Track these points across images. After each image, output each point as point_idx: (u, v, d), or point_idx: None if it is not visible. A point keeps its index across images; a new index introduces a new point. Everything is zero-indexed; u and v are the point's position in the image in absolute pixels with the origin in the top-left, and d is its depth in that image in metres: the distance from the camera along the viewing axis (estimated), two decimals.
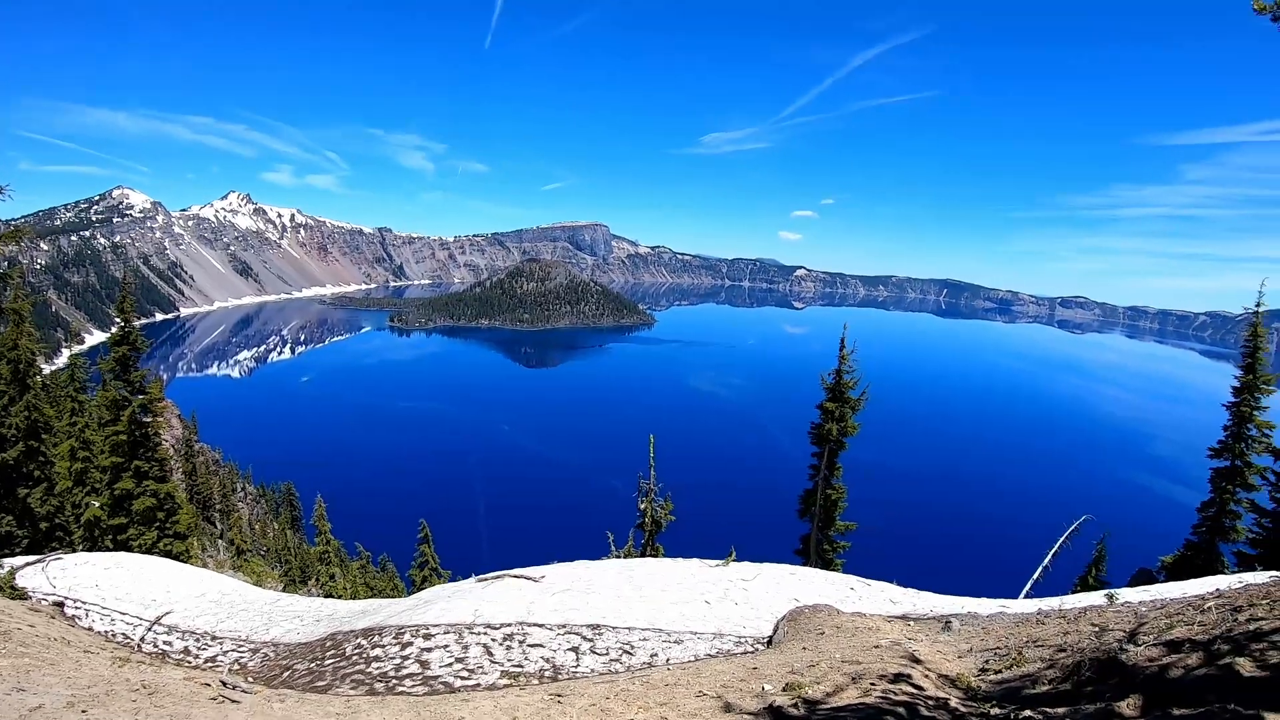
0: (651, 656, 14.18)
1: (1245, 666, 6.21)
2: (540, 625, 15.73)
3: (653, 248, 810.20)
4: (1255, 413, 32.45)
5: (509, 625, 15.72)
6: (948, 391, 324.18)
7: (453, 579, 34.25)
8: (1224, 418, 33.30)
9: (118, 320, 34.19)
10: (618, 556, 28.74)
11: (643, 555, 30.47)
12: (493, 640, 15.03)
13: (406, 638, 15.70)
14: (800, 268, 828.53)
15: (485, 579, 19.80)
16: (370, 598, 49.97)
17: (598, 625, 15.69)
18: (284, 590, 56.86)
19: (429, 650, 14.90)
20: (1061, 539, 32.49)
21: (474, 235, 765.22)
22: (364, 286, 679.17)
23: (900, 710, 7.39)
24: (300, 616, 21.72)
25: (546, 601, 17.06)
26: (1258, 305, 32.37)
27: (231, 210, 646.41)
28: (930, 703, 7.80)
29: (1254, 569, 26.69)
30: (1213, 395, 36.18)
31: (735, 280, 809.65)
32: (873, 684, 8.52)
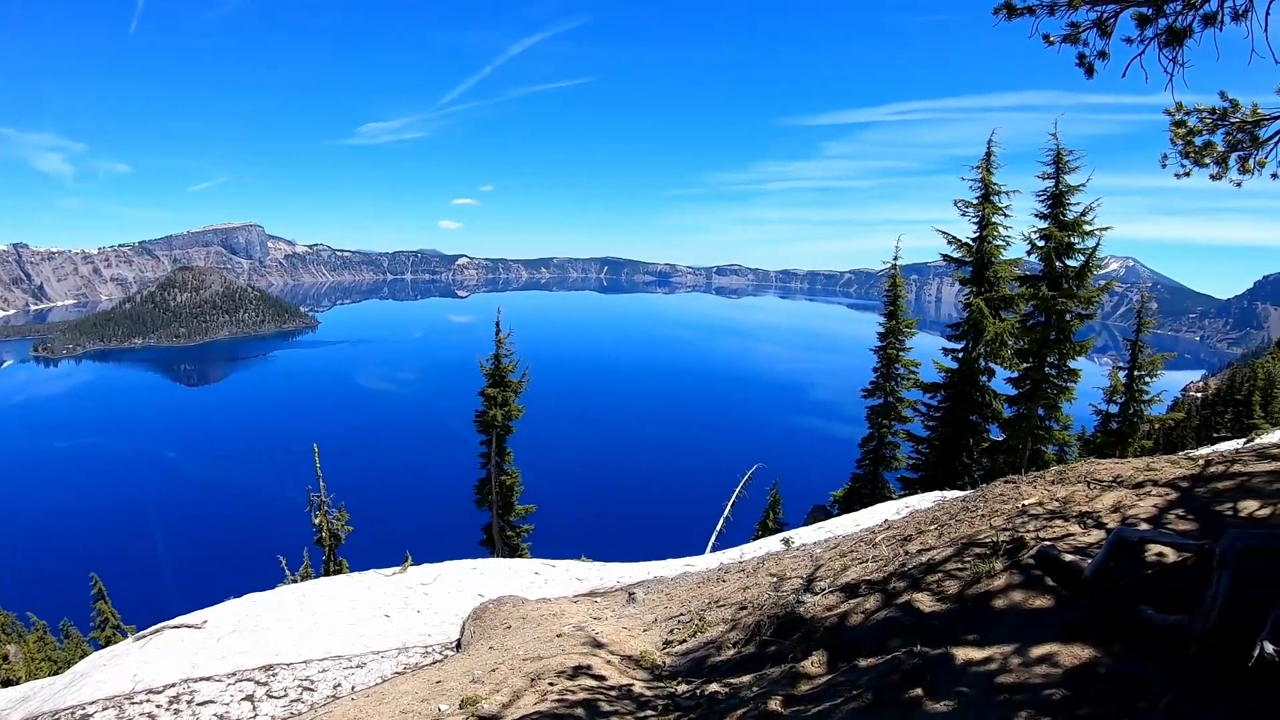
0: (335, 688, 12.97)
1: (924, 602, 5.94)
2: (208, 678, 14.04)
3: (311, 246, 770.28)
4: (901, 354, 35.14)
5: (173, 685, 13.91)
6: (617, 364, 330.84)
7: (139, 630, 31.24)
8: (873, 361, 35.64)
9: None
10: (293, 580, 26.93)
11: (326, 573, 28.75)
12: (157, 707, 13.20)
13: None
14: (462, 256, 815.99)
15: (143, 636, 17.59)
16: (54, 673, 44.89)
17: (271, 666, 14.22)
18: None
19: None
20: (737, 490, 33.67)
21: (120, 245, 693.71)
22: (0, 314, 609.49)
23: (579, 712, 6.67)
24: None
25: (213, 649, 15.32)
26: (895, 259, 35.41)
27: None
28: (612, 694, 7.16)
29: (916, 492, 28.34)
30: (862, 342, 38.48)
31: (397, 274, 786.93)
32: (551, 684, 7.79)
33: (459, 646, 13.07)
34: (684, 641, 8.64)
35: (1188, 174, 9.51)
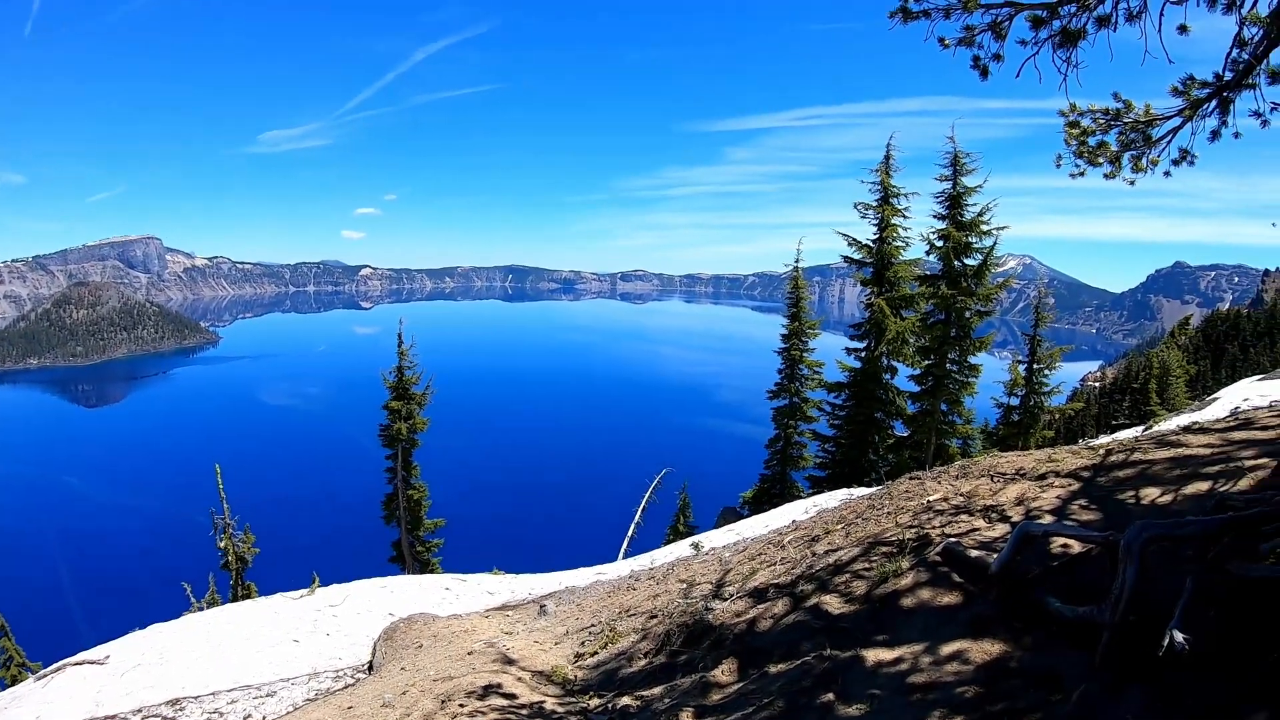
0: (245, 719, 12.60)
1: (833, 604, 5.89)
2: (113, 717, 13.53)
3: (211, 259, 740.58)
4: (804, 355, 35.63)
5: None
6: (523, 372, 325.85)
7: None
8: (779, 362, 35.97)
9: None
10: (199, 608, 26.18)
11: (233, 599, 28.02)
12: None
13: None
14: (366, 266, 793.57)
15: (44, 675, 16.84)
16: None
17: (178, 700, 13.68)
18: None
19: None
20: (646, 495, 33.79)
21: (13, 260, 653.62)
22: None
23: None
24: None
25: (116, 685, 14.72)
26: (796, 262, 35.94)
27: None
28: (523, 712, 7.00)
29: (824, 490, 28.63)
30: (767, 344, 38.70)
31: (300, 285, 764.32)
32: (462, 705, 7.59)
33: (370, 669, 12.80)
34: (595, 654, 8.51)
35: (1082, 173, 9.68)
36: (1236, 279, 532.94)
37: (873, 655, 5.01)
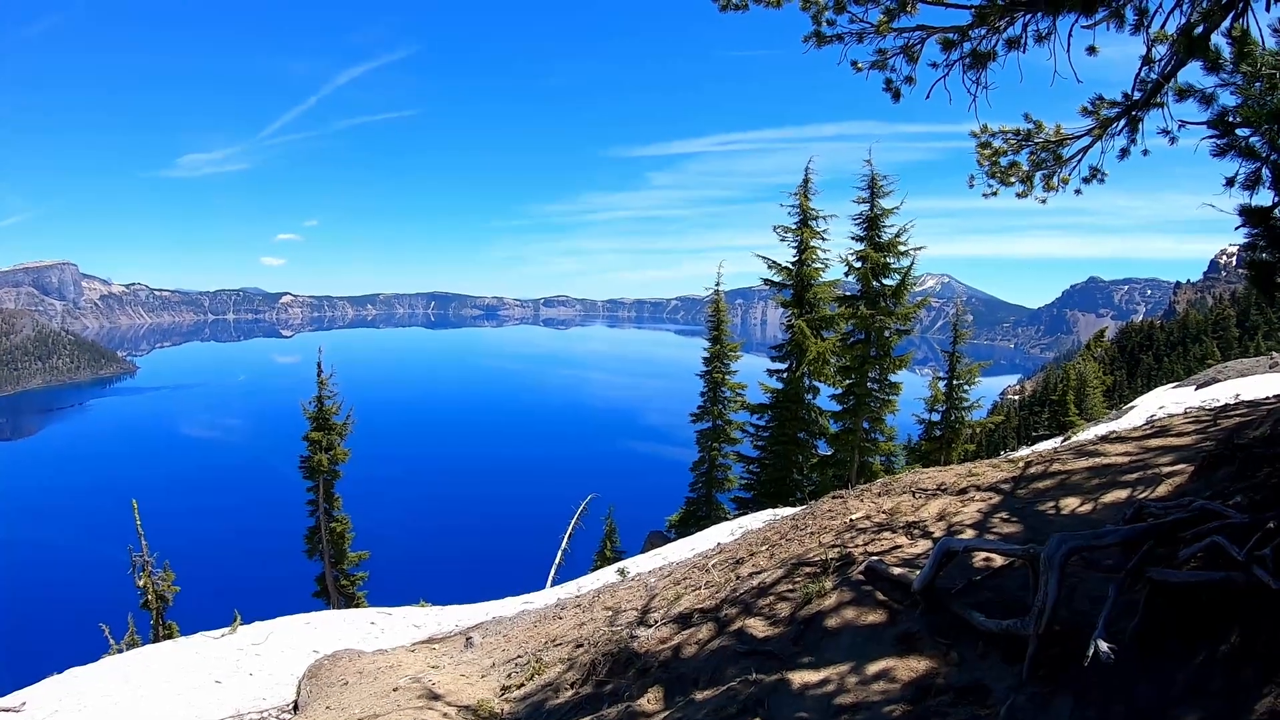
0: None
1: (758, 627, 5.82)
2: None
3: (128, 285, 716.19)
4: (727, 377, 35.89)
5: None
6: (447, 400, 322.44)
7: None
8: (701, 385, 36.13)
9: None
10: (118, 650, 25.40)
11: (155, 639, 27.18)
12: None
13: None
14: (286, 294, 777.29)
15: None
16: None
17: None
18: None
19: None
20: (572, 522, 33.67)
21: None
22: None
23: None
24: None
25: None
26: (717, 285, 36.27)
27: None
28: None
29: (749, 511, 28.67)
30: (691, 367, 38.81)
31: (219, 314, 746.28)
32: None
33: (296, 709, 12.48)
34: (522, 685, 8.36)
35: (995, 193, 9.84)
36: (1149, 292, 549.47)
37: (799, 678, 4.95)
